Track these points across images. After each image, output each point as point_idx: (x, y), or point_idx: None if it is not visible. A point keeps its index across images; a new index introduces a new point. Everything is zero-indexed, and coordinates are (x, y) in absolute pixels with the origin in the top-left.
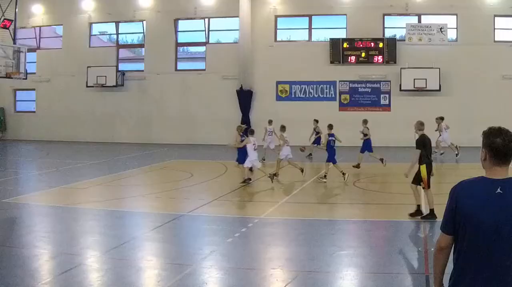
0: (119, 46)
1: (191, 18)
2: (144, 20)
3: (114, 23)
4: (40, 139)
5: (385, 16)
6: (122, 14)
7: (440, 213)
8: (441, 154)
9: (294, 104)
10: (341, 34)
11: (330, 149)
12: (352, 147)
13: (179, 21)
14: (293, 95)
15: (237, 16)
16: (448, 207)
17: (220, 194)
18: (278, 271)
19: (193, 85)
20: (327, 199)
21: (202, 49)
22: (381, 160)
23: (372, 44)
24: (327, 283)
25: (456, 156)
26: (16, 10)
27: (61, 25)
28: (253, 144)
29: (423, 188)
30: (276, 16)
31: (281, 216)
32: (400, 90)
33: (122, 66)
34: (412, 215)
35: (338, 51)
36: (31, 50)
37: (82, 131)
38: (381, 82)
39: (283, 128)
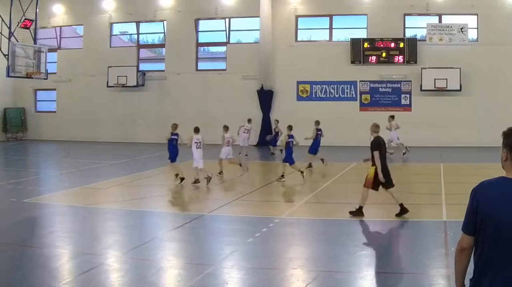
0: (139, 46)
1: (211, 18)
2: (165, 20)
3: (134, 23)
4: (60, 139)
5: (406, 16)
6: (143, 14)
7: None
8: (391, 153)
9: (314, 104)
10: (362, 34)
11: (289, 149)
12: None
13: (200, 21)
14: (313, 95)
15: (258, 16)
16: (469, 207)
17: (240, 194)
18: (298, 271)
19: (214, 85)
20: (348, 199)
21: (222, 49)
22: (322, 160)
23: (393, 44)
24: (348, 283)
25: (403, 155)
26: (37, 10)
27: (82, 25)
28: (195, 143)
29: (364, 185)
30: (297, 16)
31: (301, 216)
32: (421, 90)
33: (143, 66)
34: (398, 215)
35: (359, 51)
36: (51, 50)
37: (103, 131)
38: (402, 82)
39: (225, 128)
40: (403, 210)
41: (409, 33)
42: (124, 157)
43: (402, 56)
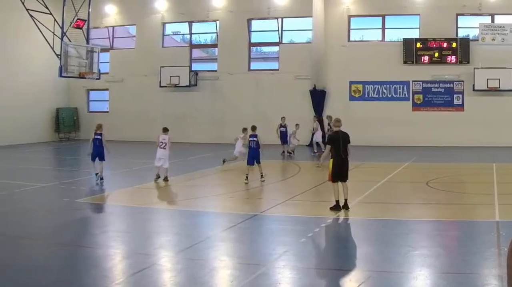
0: (192, 46)
1: (264, 18)
2: (217, 20)
3: (187, 23)
4: (113, 139)
5: (458, 16)
6: (195, 14)
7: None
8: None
9: (367, 104)
10: (414, 34)
11: (250, 149)
12: (426, 147)
13: (252, 21)
14: (366, 95)
15: (310, 16)
16: None
17: (293, 194)
18: (351, 271)
19: (266, 85)
20: (400, 199)
21: (275, 49)
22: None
23: (445, 44)
24: (400, 284)
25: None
26: (89, 10)
27: (134, 25)
28: (161, 142)
29: (328, 180)
30: (349, 16)
31: (354, 216)
32: (474, 90)
33: (195, 66)
34: (332, 208)
35: (411, 51)
36: (104, 50)
37: (155, 131)
38: (455, 82)
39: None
40: (339, 206)
41: (461, 33)
42: (176, 157)
43: (454, 56)
